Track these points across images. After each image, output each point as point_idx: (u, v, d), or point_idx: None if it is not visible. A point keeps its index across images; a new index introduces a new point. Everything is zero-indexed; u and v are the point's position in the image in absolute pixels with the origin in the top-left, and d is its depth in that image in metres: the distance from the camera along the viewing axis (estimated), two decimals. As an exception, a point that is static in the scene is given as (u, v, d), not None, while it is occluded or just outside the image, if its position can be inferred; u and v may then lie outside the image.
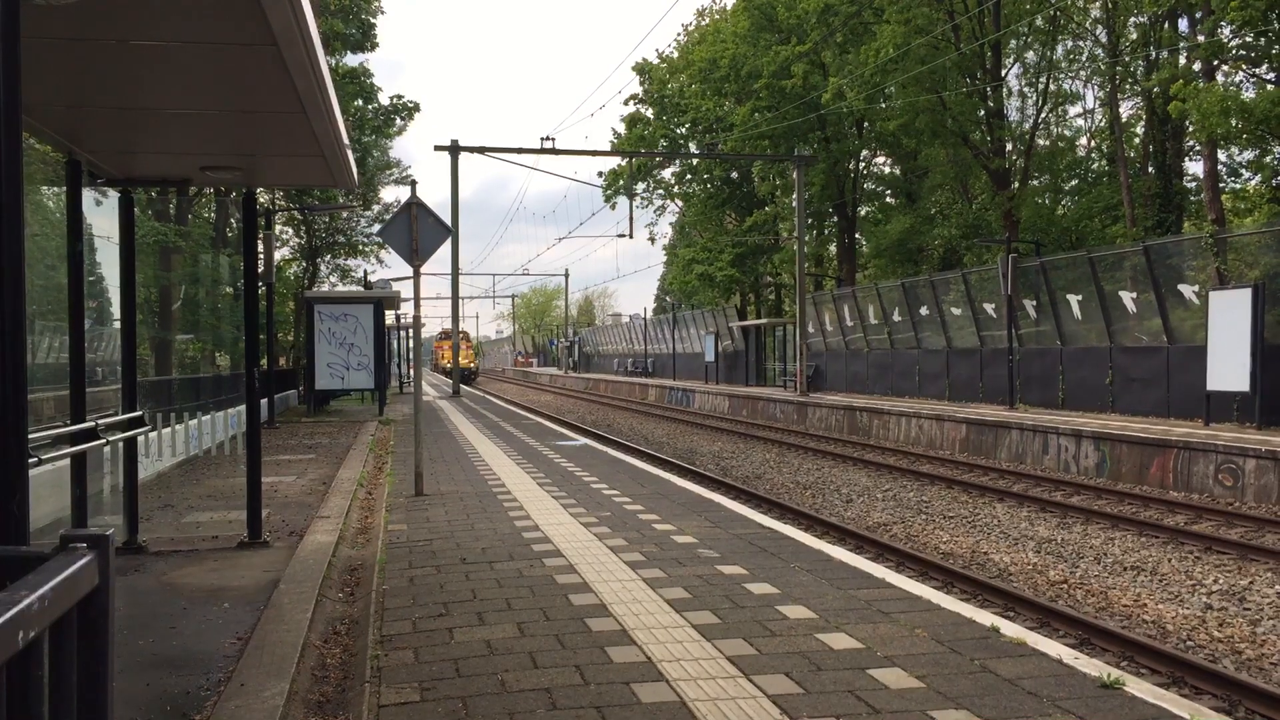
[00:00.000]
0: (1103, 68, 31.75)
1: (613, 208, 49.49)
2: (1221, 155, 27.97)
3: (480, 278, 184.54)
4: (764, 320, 42.68)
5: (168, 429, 13.29)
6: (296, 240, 37.50)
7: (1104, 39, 31.31)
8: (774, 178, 45.05)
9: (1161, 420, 18.79)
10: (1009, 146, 33.81)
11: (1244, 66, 24.21)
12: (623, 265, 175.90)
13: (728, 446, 23.62)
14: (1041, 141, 36.21)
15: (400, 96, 34.66)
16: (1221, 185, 27.85)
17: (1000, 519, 13.28)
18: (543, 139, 31.21)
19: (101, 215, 13.21)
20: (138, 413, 8.14)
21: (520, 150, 31.83)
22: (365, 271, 38.35)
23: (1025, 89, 36.96)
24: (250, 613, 6.15)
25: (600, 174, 49.59)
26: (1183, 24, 28.50)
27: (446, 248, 29.83)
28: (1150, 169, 30.59)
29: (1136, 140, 33.30)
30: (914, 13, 31.11)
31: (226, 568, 7.51)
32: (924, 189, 38.99)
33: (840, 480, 17.24)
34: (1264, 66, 23.37)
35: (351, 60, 31.78)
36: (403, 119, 34.66)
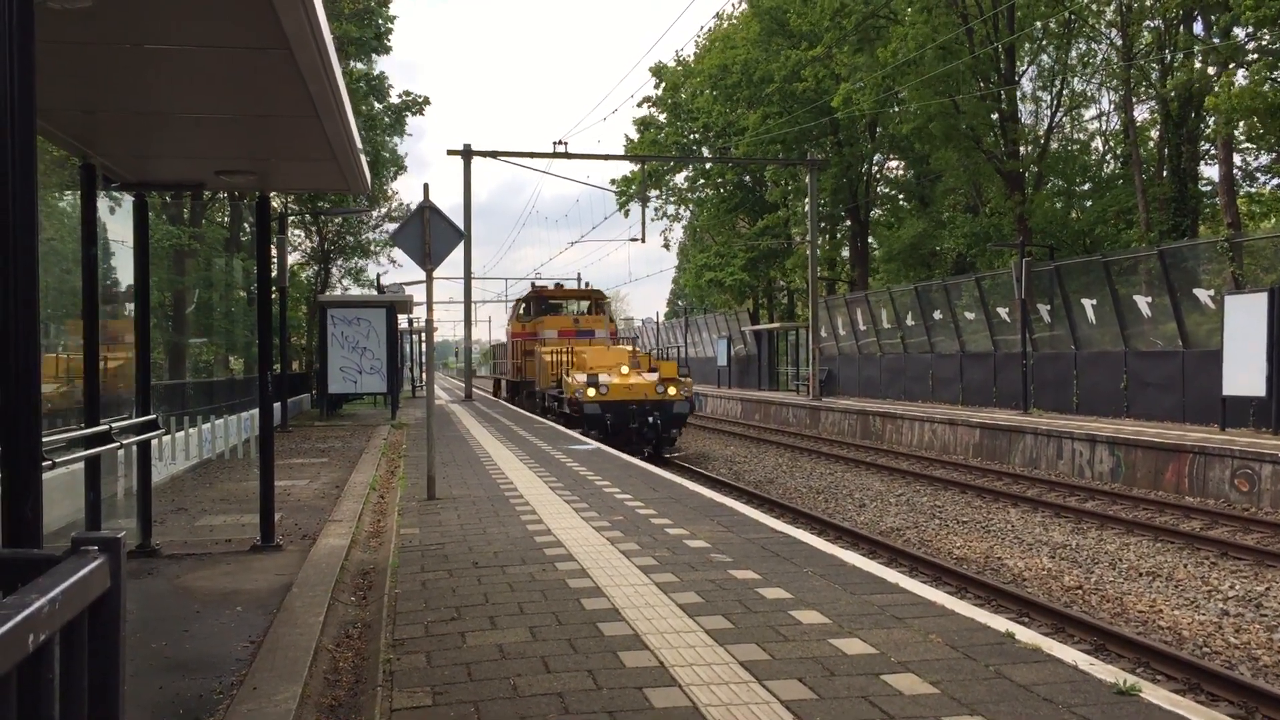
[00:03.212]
0: (1117, 71, 31.59)
1: (625, 214, 49.58)
2: (1236, 159, 27.82)
3: (493, 282, 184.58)
4: (776, 324, 42.61)
5: (181, 432, 13.33)
6: (309, 244, 37.64)
7: (1118, 42, 31.16)
8: (786, 182, 44.99)
9: (1177, 425, 18.66)
10: (1023, 150, 33.68)
11: (1264, 71, 24.02)
12: (635, 269, 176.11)
13: (740, 451, 23.58)
14: (1055, 145, 36.06)
15: (409, 93, 34.81)
16: (1237, 189, 27.68)
17: (1014, 524, 13.21)
18: (555, 143, 31.30)
19: (116, 219, 13.25)
20: (151, 416, 8.16)
21: (533, 154, 31.94)
22: (378, 275, 38.49)
23: (1039, 92, 36.86)
24: (263, 616, 6.15)
25: (614, 181, 49.66)
26: (1198, 27, 28.35)
27: (459, 251, 29.86)
28: (1165, 173, 30.43)
29: (1151, 144, 33.14)
30: (929, 15, 31.03)
31: (239, 571, 7.52)
32: (937, 192, 38.88)
33: (853, 485, 17.19)
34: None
35: (365, 65, 31.86)
36: (413, 114, 34.80)
